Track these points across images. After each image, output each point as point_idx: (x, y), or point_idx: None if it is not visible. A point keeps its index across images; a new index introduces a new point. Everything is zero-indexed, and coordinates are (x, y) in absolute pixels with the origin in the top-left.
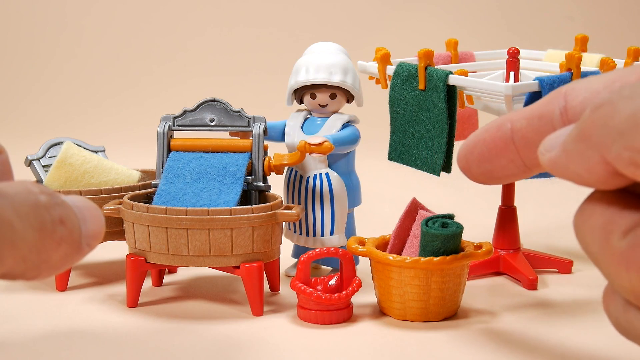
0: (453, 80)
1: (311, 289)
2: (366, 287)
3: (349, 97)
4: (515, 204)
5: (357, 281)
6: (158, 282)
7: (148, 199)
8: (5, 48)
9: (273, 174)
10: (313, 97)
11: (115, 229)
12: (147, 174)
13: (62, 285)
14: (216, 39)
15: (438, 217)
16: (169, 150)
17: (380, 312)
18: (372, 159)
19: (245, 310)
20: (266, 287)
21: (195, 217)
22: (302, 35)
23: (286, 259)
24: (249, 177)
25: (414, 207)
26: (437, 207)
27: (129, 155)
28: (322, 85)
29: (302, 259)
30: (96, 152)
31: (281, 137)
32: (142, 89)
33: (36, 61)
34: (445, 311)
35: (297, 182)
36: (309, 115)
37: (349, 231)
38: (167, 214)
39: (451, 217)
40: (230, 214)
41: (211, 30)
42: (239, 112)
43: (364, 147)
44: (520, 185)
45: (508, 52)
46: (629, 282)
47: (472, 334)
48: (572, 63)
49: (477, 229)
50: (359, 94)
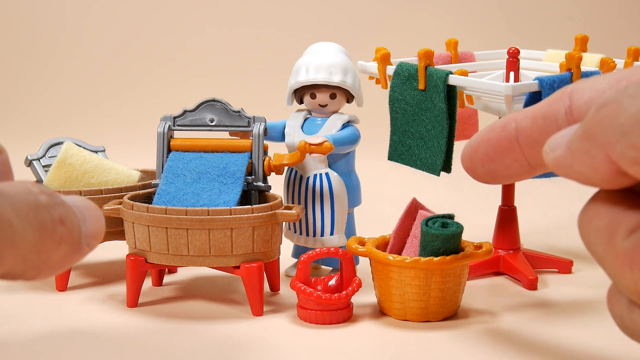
0: (453, 80)
1: (311, 289)
2: (366, 287)
3: (349, 97)
4: (515, 204)
5: (357, 281)
6: (158, 282)
7: (148, 199)
8: (5, 48)
9: (273, 174)
10: (313, 97)
11: (115, 229)
12: (147, 174)
13: (62, 285)
14: (216, 39)
15: (438, 217)
16: (169, 150)
17: (380, 312)
18: (372, 159)
19: (245, 310)
20: (266, 287)
21: (195, 217)
22: (302, 35)
23: (286, 259)
24: (249, 177)
25: (414, 207)
26: (437, 207)
27: (129, 155)
28: (322, 85)
29: (302, 259)
30: (96, 152)
31: (281, 137)
32: (142, 89)
33: (36, 61)
34: (445, 311)
35: (297, 182)
36: (309, 115)
37: (349, 231)
38: (167, 214)
39: (451, 217)
40: (230, 214)
41: (211, 30)
42: (239, 112)
43: (364, 147)
44: (520, 185)
45: (508, 52)
46: (633, 282)
47: (472, 334)
48: (572, 63)
49: (477, 229)
50: (359, 94)
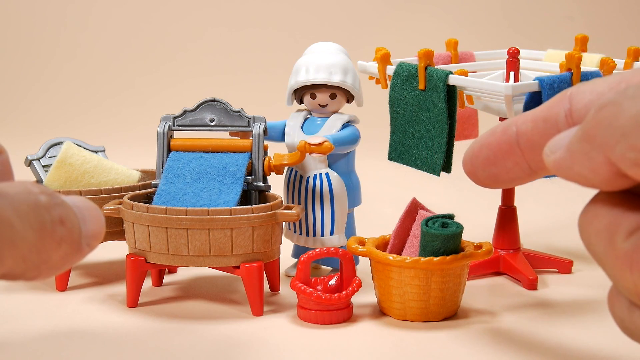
0: (453, 80)
1: (311, 289)
2: (366, 287)
3: (349, 97)
4: (515, 204)
5: (357, 281)
6: (158, 282)
7: (148, 199)
8: (5, 48)
9: (273, 174)
10: (313, 97)
11: (115, 229)
12: (147, 174)
13: (62, 285)
14: (216, 39)
15: (438, 217)
16: (169, 150)
17: (380, 312)
18: (372, 159)
19: (245, 310)
20: (266, 287)
21: (195, 217)
22: (302, 35)
23: (286, 259)
24: (249, 177)
25: (414, 207)
26: (437, 207)
27: (129, 155)
28: (322, 85)
29: (302, 259)
30: (96, 152)
31: (281, 137)
32: (142, 89)
33: (36, 61)
34: (445, 311)
35: (297, 182)
36: (309, 115)
37: (349, 231)
38: (167, 214)
39: (451, 217)
40: (230, 214)
41: (211, 30)
42: (239, 112)
43: (364, 147)
44: (520, 185)
45: (508, 52)
46: (633, 284)
47: (472, 334)
48: (572, 63)
49: (477, 229)
50: (359, 94)
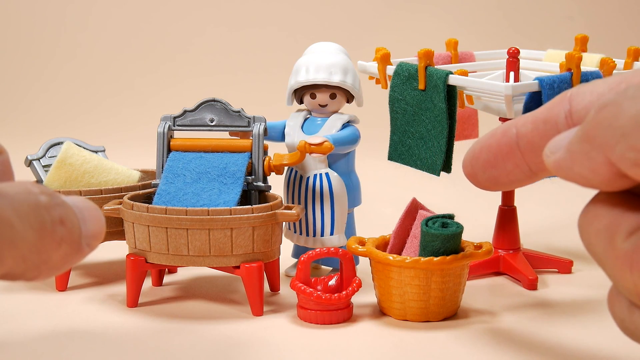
0: (453, 80)
1: (311, 289)
2: (366, 287)
3: (349, 97)
4: (515, 204)
5: (357, 281)
6: (158, 282)
7: (148, 199)
8: (5, 48)
9: (273, 174)
10: (313, 97)
11: (115, 229)
12: (147, 174)
13: (62, 285)
14: (216, 39)
15: (438, 217)
16: (169, 150)
17: (380, 312)
18: (372, 159)
19: (245, 310)
20: (266, 287)
21: (195, 217)
22: (302, 35)
23: (286, 259)
24: (249, 177)
25: (414, 207)
26: (437, 207)
27: (129, 155)
28: (322, 85)
29: (302, 259)
30: (96, 152)
31: (281, 137)
32: (142, 89)
33: (36, 61)
34: (445, 311)
35: (297, 182)
36: (309, 115)
37: (349, 231)
38: (167, 214)
39: (451, 217)
40: (230, 214)
41: (211, 31)
42: (239, 112)
43: (364, 147)
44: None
45: (508, 52)
46: (633, 284)
47: (472, 334)
48: (572, 63)
49: (477, 229)
50: (359, 94)
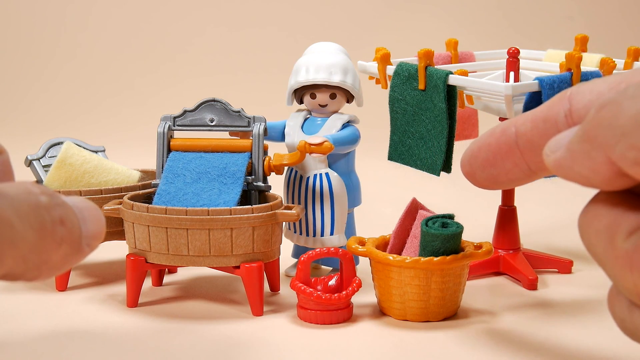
0: (453, 80)
1: (311, 289)
2: (366, 287)
3: (349, 97)
4: (515, 204)
5: (357, 281)
6: (158, 282)
7: (148, 199)
8: (5, 48)
9: (273, 174)
10: (313, 97)
11: (115, 229)
12: (147, 174)
13: (62, 285)
14: (216, 39)
15: (438, 217)
16: (169, 150)
17: (380, 312)
18: (372, 159)
19: (245, 310)
20: (266, 287)
21: (195, 217)
22: (302, 35)
23: (286, 259)
24: (249, 177)
25: (414, 207)
26: (437, 207)
27: (129, 155)
28: (322, 85)
29: (302, 259)
30: (96, 152)
31: (281, 137)
32: (142, 89)
33: (36, 61)
34: (445, 311)
35: (297, 182)
36: (309, 115)
37: (349, 231)
38: (167, 214)
39: (451, 217)
40: (230, 214)
41: (211, 31)
42: (239, 112)
43: (364, 147)
44: (520, 185)
45: (508, 52)
46: (633, 284)
47: (472, 334)
48: (572, 63)
49: (477, 229)
50: (359, 94)
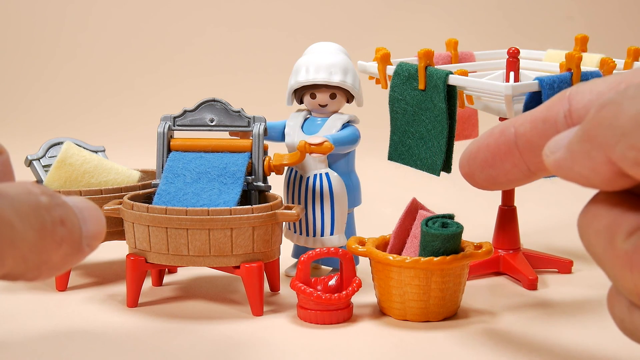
0: (453, 80)
1: (311, 289)
2: (366, 287)
3: (349, 97)
4: (515, 204)
5: (357, 281)
6: (158, 282)
7: (148, 199)
8: (5, 48)
9: (273, 174)
10: (313, 97)
11: (115, 229)
12: (147, 174)
13: (62, 285)
14: (216, 39)
15: (438, 217)
16: (169, 150)
17: (380, 312)
18: (372, 159)
19: (245, 310)
20: (266, 287)
21: (195, 217)
22: (301, 35)
23: (286, 259)
24: (249, 177)
25: (414, 207)
26: (437, 207)
27: (129, 155)
28: (322, 85)
29: (302, 259)
30: (96, 152)
31: (281, 137)
32: (142, 89)
33: (36, 61)
34: (445, 311)
35: (297, 182)
36: (309, 115)
37: (349, 231)
38: (167, 214)
39: (451, 217)
40: (230, 214)
41: (211, 30)
42: (239, 112)
43: (364, 147)
44: (519, 186)
45: (508, 52)
46: (633, 284)
47: (472, 334)
48: (572, 63)
49: (477, 229)
50: (359, 94)
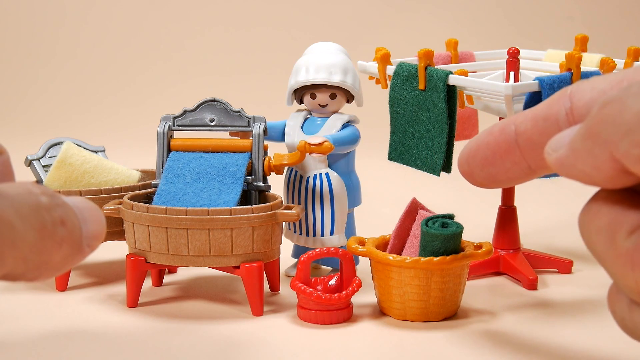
0: (453, 80)
1: (311, 289)
2: (366, 287)
3: (349, 97)
4: (515, 204)
5: (357, 281)
6: (158, 282)
7: (148, 199)
8: (5, 48)
9: (273, 174)
10: (313, 97)
11: (115, 229)
12: (147, 174)
13: (62, 285)
14: (216, 39)
15: (438, 217)
16: (169, 150)
17: (380, 312)
18: (372, 159)
19: (245, 310)
20: (266, 287)
21: (195, 217)
22: (301, 35)
23: (286, 259)
24: (249, 177)
25: (414, 207)
26: (437, 207)
27: (129, 155)
28: (322, 85)
29: (302, 259)
30: (96, 152)
31: (281, 137)
32: (141, 89)
33: (36, 61)
34: (445, 311)
35: (297, 182)
36: (309, 115)
37: (349, 231)
38: (167, 214)
39: (451, 217)
40: (230, 214)
41: (211, 30)
42: (239, 112)
43: (364, 147)
44: (520, 185)
45: (508, 52)
46: (634, 282)
47: (472, 334)
48: (572, 63)
49: (477, 229)
50: (359, 94)
